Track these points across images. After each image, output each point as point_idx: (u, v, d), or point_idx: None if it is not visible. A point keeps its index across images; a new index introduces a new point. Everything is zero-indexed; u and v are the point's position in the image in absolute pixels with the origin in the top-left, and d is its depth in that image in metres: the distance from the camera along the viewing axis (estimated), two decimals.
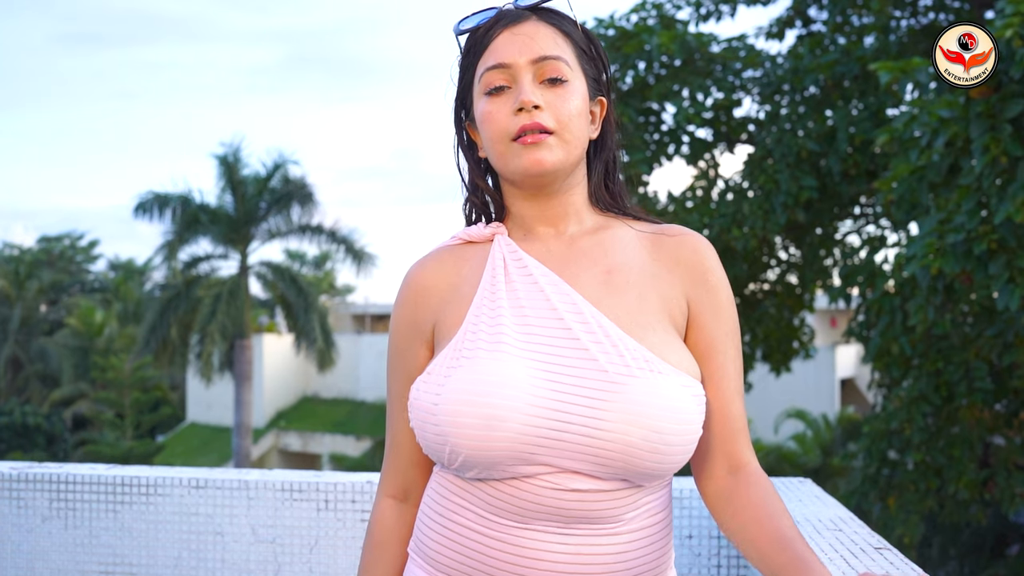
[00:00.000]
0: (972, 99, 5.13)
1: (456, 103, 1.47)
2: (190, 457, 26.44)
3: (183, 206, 21.70)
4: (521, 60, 1.34)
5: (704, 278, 1.39)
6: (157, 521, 2.31)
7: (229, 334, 21.50)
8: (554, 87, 1.34)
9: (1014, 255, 4.90)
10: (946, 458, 6.80)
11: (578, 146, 1.37)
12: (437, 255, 1.44)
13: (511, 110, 1.33)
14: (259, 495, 2.30)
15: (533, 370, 1.27)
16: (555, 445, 1.25)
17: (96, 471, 2.35)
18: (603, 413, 1.24)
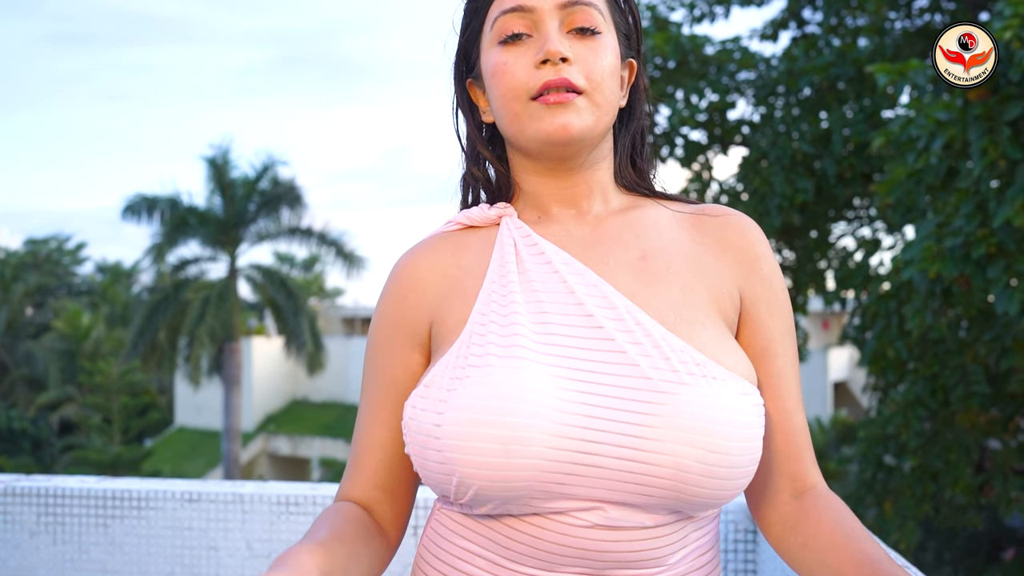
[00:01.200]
0: (970, 102, 5.10)
1: (457, 55, 1.24)
2: (178, 462, 26.32)
3: (171, 208, 21.64)
4: (547, 3, 1.12)
5: (757, 265, 1.18)
6: (149, 536, 2.24)
7: (218, 337, 21.43)
8: (584, 38, 1.13)
9: (1013, 259, 4.87)
10: (942, 463, 6.77)
11: (609, 111, 1.14)
12: (431, 243, 1.21)
13: (532, 62, 1.11)
14: (254, 508, 2.24)
15: (559, 379, 1.03)
16: (589, 473, 1.02)
17: (86, 484, 2.28)
18: (649, 431, 1.01)
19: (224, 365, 21.88)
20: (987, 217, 4.99)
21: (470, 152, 1.25)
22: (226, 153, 22.09)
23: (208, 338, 21.20)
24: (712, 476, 1.01)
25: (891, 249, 8.36)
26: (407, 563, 2.31)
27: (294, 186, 21.97)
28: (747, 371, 1.10)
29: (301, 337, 22.29)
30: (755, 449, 1.05)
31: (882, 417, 7.23)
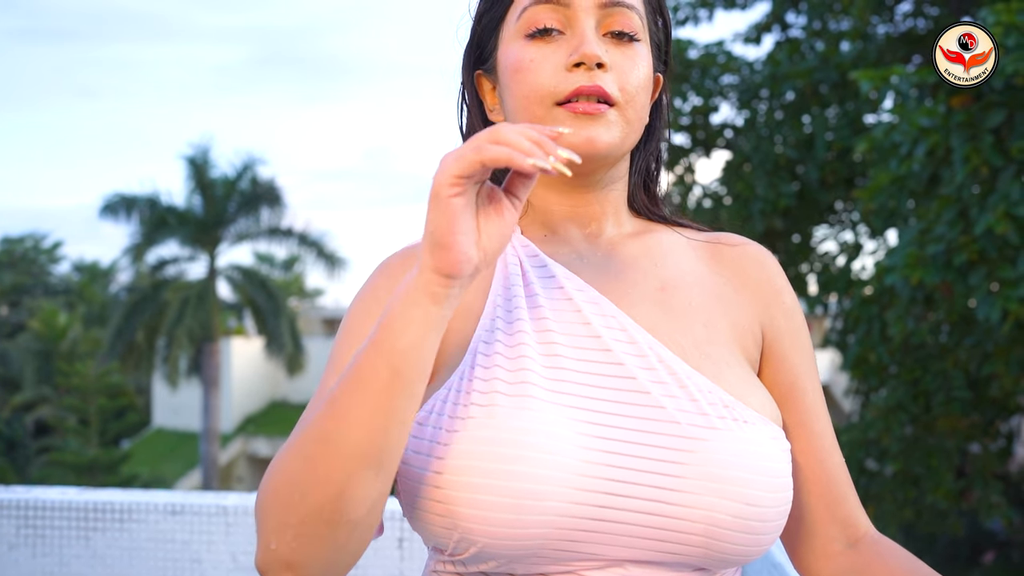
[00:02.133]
0: (953, 109, 5.13)
1: (470, 43, 1.12)
2: (156, 464, 26.16)
3: (150, 208, 21.54)
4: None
5: (779, 298, 1.10)
6: (131, 548, 2.21)
7: (197, 338, 21.34)
8: (622, 44, 1.02)
9: (994, 266, 4.89)
10: (924, 468, 6.80)
11: (637, 128, 1.04)
12: (413, 247, 1.07)
13: (563, 63, 1.00)
14: (238, 520, 2.21)
15: (576, 423, 0.91)
16: (610, 530, 0.91)
17: (67, 496, 2.24)
18: (679, 481, 0.91)
19: (203, 366, 21.78)
20: (969, 224, 5.02)
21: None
22: (206, 152, 22.01)
23: (187, 339, 21.11)
24: (746, 531, 0.92)
25: (873, 254, 8.40)
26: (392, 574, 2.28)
27: (274, 186, 21.92)
28: (774, 413, 1.01)
29: (281, 338, 22.23)
30: (788, 500, 0.96)
31: (864, 422, 7.26)
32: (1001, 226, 4.70)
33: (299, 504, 0.85)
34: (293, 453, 0.87)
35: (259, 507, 0.89)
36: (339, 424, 0.85)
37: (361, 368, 0.85)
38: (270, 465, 0.89)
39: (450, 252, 0.83)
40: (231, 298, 23.58)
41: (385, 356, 0.84)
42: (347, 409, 0.85)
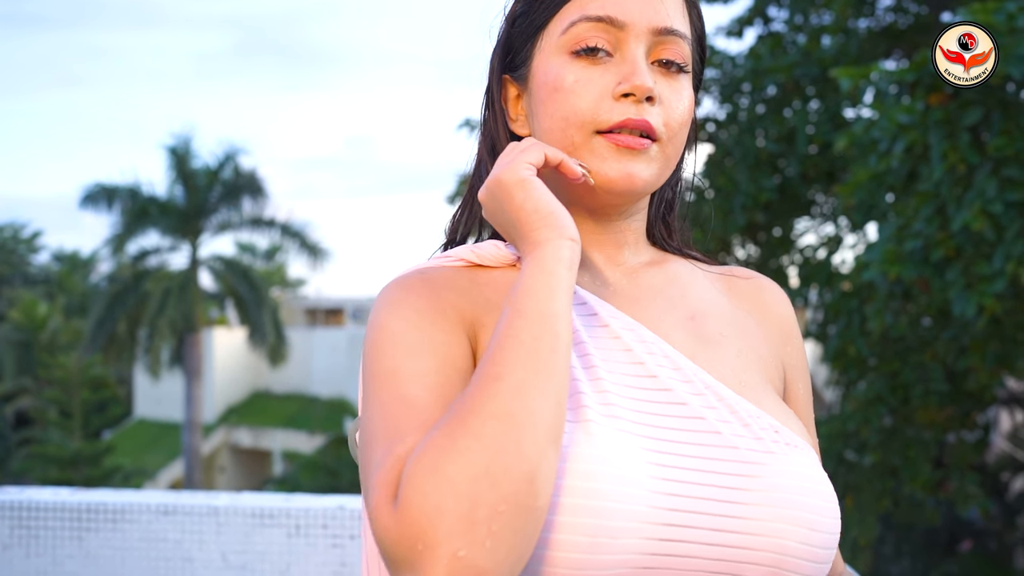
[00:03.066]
0: (931, 106, 5.19)
1: (501, 46, 1.05)
2: (138, 455, 26.12)
3: (132, 198, 21.48)
4: (640, 22, 0.96)
5: (793, 335, 1.11)
6: (124, 548, 2.25)
7: (179, 329, 21.32)
8: (670, 74, 0.98)
9: (971, 262, 4.96)
10: (902, 459, 6.89)
11: (674, 164, 1.02)
12: (436, 269, 0.99)
13: (609, 89, 0.95)
14: (229, 520, 2.25)
15: (643, 451, 0.88)
16: (681, 564, 0.87)
17: (60, 497, 2.28)
18: (745, 508, 0.89)
19: (185, 356, 21.75)
20: (946, 220, 5.08)
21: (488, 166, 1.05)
22: (187, 142, 21.96)
23: (169, 329, 21.09)
24: (811, 558, 0.90)
25: (853, 248, 8.48)
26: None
27: (256, 176, 21.90)
28: (810, 440, 1.00)
29: (263, 328, 22.23)
30: (839, 526, 0.94)
31: (843, 414, 7.35)
32: (977, 223, 4.77)
33: (489, 494, 0.75)
34: (468, 442, 0.77)
35: (424, 515, 0.75)
36: (522, 399, 0.79)
37: (522, 341, 0.81)
38: (415, 469, 0.77)
39: (563, 215, 0.88)
40: (213, 288, 23.54)
41: (544, 323, 0.82)
42: (523, 382, 0.80)
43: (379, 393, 0.87)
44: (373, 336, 0.93)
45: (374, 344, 0.92)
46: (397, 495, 0.77)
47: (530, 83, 1.01)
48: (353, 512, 2.31)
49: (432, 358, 0.88)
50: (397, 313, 0.93)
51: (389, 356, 0.89)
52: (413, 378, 0.87)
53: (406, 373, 0.87)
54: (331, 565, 2.29)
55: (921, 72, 5.27)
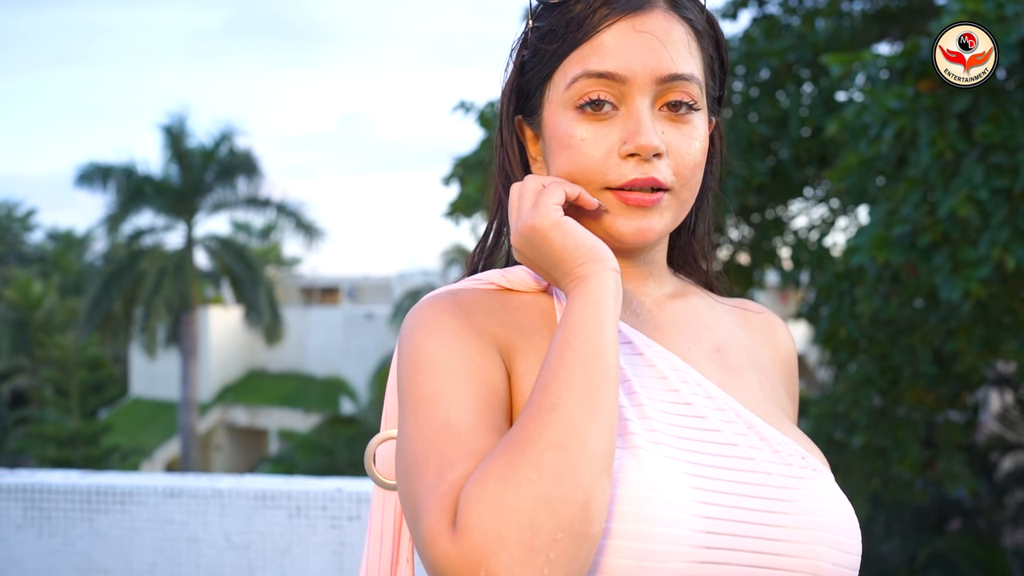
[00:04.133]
0: (921, 93, 5.25)
1: (510, 90, 1.06)
2: (134, 433, 26.20)
3: (127, 177, 21.47)
4: (642, 75, 0.96)
5: (795, 372, 1.17)
6: (132, 528, 2.33)
7: (174, 308, 21.37)
8: (678, 118, 0.99)
9: (957, 248, 5.04)
10: (890, 440, 6.99)
11: (691, 203, 1.03)
12: (467, 291, 1.01)
13: (615, 147, 0.97)
14: (232, 502, 2.33)
15: (686, 476, 0.91)
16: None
17: (70, 480, 2.37)
18: (782, 531, 0.93)
19: (181, 335, 21.82)
20: (934, 206, 5.15)
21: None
22: (182, 121, 21.94)
23: (164, 308, 21.14)
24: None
25: (845, 230, 8.55)
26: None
27: (251, 156, 21.90)
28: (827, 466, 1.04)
29: (259, 307, 22.29)
30: (861, 546, 0.99)
31: (832, 396, 7.44)
32: (963, 209, 4.84)
33: (548, 523, 0.78)
34: (528, 472, 0.79)
35: (487, 543, 0.77)
36: (576, 429, 0.82)
37: (574, 372, 0.84)
38: (475, 497, 0.79)
39: (603, 247, 0.92)
40: (208, 267, 23.58)
41: (596, 355, 0.85)
42: (577, 413, 0.82)
43: (421, 417, 0.89)
44: (411, 357, 0.94)
45: (413, 366, 0.93)
46: (456, 522, 0.78)
47: (543, 131, 1.03)
48: (351, 494, 2.39)
49: (472, 382, 0.91)
50: (435, 336, 0.94)
51: (430, 380, 0.91)
52: (456, 403, 0.89)
53: (448, 397, 0.89)
54: (330, 545, 2.38)
55: (911, 58, 5.33)
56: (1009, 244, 4.76)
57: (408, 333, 0.96)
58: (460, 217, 8.20)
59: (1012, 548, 10.97)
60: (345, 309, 32.49)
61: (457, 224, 8.51)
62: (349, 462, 18.00)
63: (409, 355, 0.94)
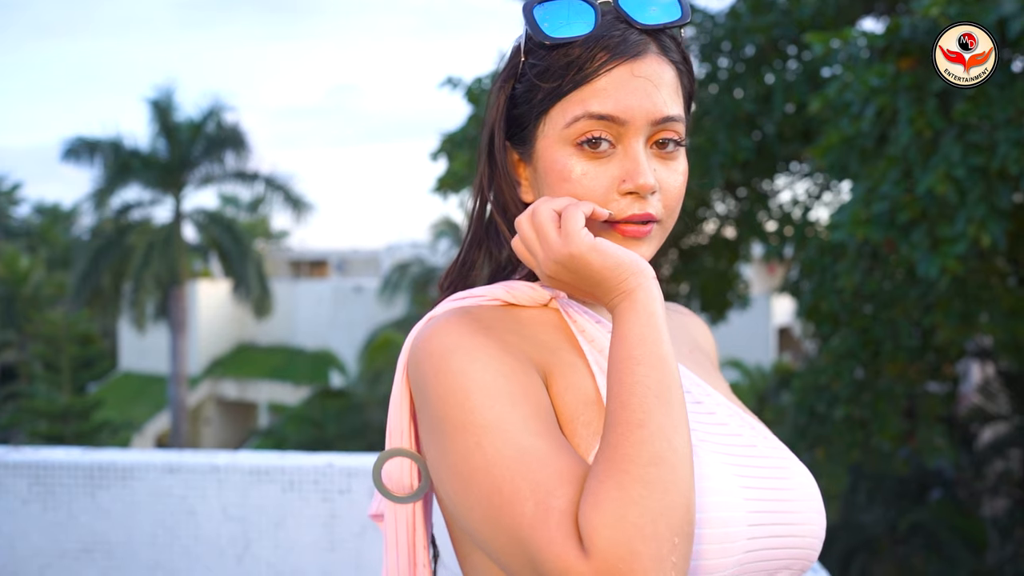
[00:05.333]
0: (901, 72, 5.33)
1: (503, 119, 1.10)
2: (124, 407, 26.25)
3: (114, 151, 21.40)
4: (640, 117, 1.02)
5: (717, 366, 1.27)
6: (133, 502, 2.42)
7: (163, 282, 21.36)
8: (666, 155, 1.06)
9: (934, 224, 5.13)
10: (871, 412, 7.12)
11: (671, 227, 1.10)
12: (484, 310, 1.05)
13: (613, 183, 1.03)
14: (228, 477, 2.43)
15: (727, 466, 1.00)
16: (764, 568, 1.01)
17: (73, 457, 2.45)
18: (792, 506, 1.04)
19: (170, 309, 21.83)
20: (912, 184, 5.24)
21: (509, 228, 1.11)
22: (170, 95, 21.84)
23: (153, 283, 21.13)
24: (822, 538, 1.08)
25: (828, 205, 8.65)
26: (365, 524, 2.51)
27: (239, 130, 21.83)
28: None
29: (248, 280, 22.31)
30: None
31: (815, 368, 7.56)
32: (941, 186, 4.92)
33: (667, 532, 0.86)
34: (639, 489, 0.86)
35: (623, 561, 0.84)
36: (667, 440, 0.88)
37: (650, 387, 0.90)
38: (600, 520, 0.85)
39: (638, 258, 0.97)
40: (197, 241, 23.56)
41: (663, 367, 0.92)
42: (663, 425, 0.89)
43: (488, 446, 0.92)
44: (455, 384, 0.95)
45: (461, 392, 0.95)
46: (586, 546, 0.84)
47: (535, 162, 1.07)
48: (341, 469, 2.49)
49: (528, 403, 0.95)
50: (476, 360, 0.96)
51: (487, 407, 0.93)
52: (521, 427, 0.92)
53: (512, 423, 0.92)
54: (321, 517, 2.48)
55: (892, 37, 5.40)
56: (985, 221, 4.86)
57: (440, 357, 0.97)
58: (448, 192, 8.25)
59: (991, 517, 11.17)
60: (334, 282, 32.53)
61: (445, 199, 8.56)
62: (338, 434, 18.12)
63: (451, 381, 0.95)
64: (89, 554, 2.43)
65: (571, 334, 1.06)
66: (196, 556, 2.45)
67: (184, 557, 2.45)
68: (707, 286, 9.71)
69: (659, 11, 1.05)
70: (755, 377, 18.61)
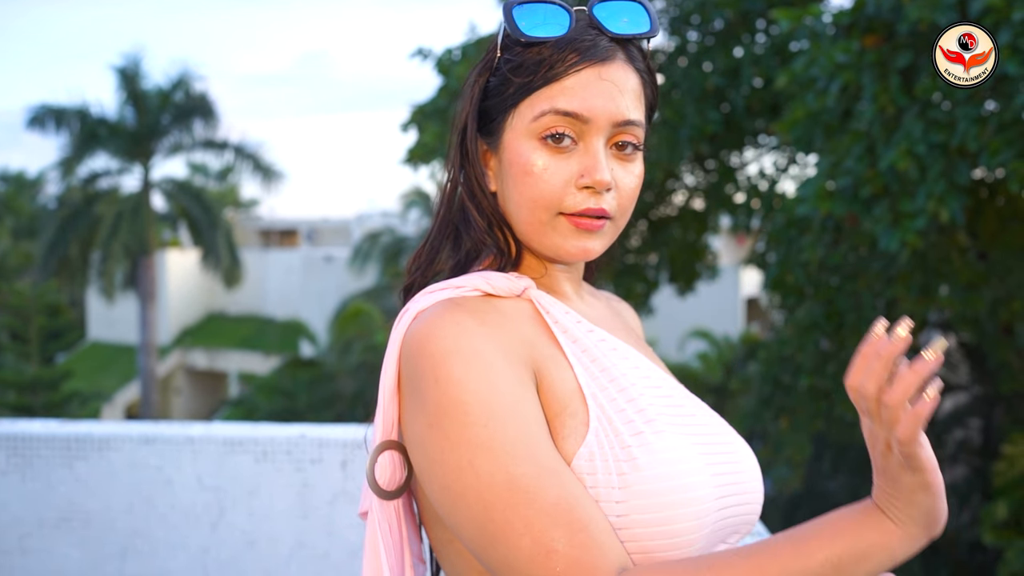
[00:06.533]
0: (866, 48, 5.41)
1: (475, 110, 1.15)
2: (93, 377, 26.13)
3: (80, 120, 21.16)
4: (602, 118, 1.08)
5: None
6: (110, 473, 2.48)
7: (132, 251, 21.21)
8: (624, 157, 1.12)
9: (896, 200, 5.23)
10: (835, 383, 7.26)
11: (623, 227, 1.16)
12: (473, 302, 1.08)
13: (572, 178, 1.09)
14: (203, 448, 2.49)
15: (694, 446, 1.06)
16: (722, 534, 1.08)
17: (50, 429, 2.50)
18: (744, 477, 1.11)
19: (139, 279, 21.70)
20: (875, 159, 5.33)
21: (483, 222, 1.15)
22: (137, 63, 21.59)
23: (122, 252, 20.97)
24: (761, 507, 1.15)
25: (794, 178, 8.75)
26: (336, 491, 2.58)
27: (207, 98, 21.63)
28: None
29: (217, 250, 22.20)
30: None
31: (780, 340, 7.69)
32: (903, 162, 5.02)
33: None
34: None
35: None
36: None
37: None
38: None
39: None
40: (166, 211, 23.40)
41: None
42: None
43: (478, 466, 0.96)
44: (451, 394, 0.99)
45: (459, 405, 0.98)
46: None
47: (501, 153, 1.13)
48: (313, 440, 2.56)
49: (519, 420, 0.98)
50: (473, 369, 0.99)
51: (481, 424, 0.97)
52: (510, 452, 0.96)
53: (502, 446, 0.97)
54: (294, 486, 2.55)
55: (858, 14, 5.48)
56: (944, 197, 4.97)
57: (440, 361, 1.00)
58: (418, 164, 8.27)
59: (950, 484, 11.42)
60: (304, 252, 32.43)
61: (416, 170, 8.58)
62: (309, 404, 18.16)
63: (450, 390, 0.99)
64: (68, 523, 2.49)
65: (546, 325, 1.10)
66: (172, 524, 2.52)
67: (161, 525, 2.51)
68: (676, 257, 9.79)
69: (629, 22, 1.11)
70: (723, 347, 18.79)
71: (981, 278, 6.60)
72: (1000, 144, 4.69)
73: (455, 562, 1.09)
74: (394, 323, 1.09)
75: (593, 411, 1.03)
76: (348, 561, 2.51)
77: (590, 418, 1.03)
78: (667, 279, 9.96)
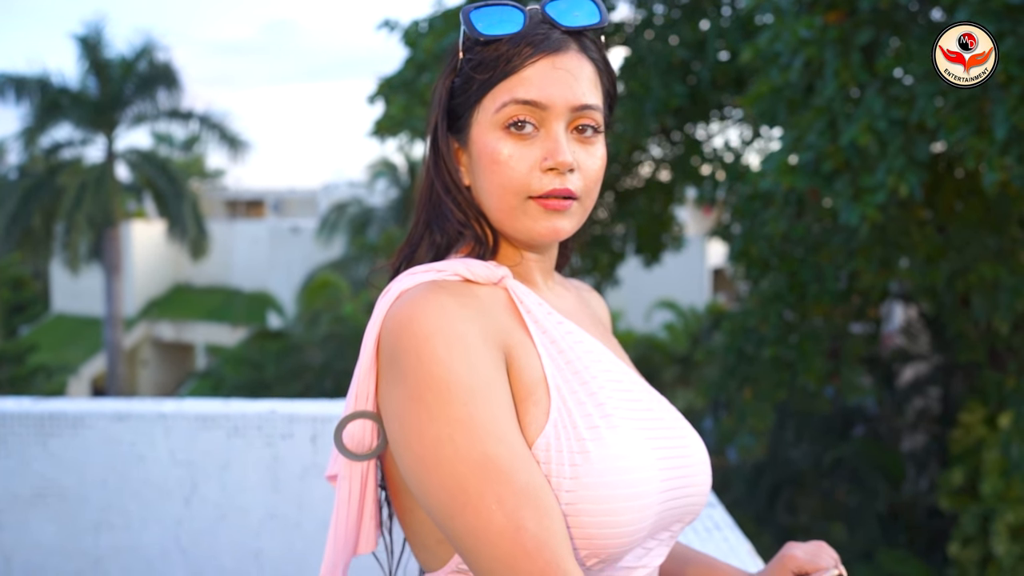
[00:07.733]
0: (828, 24, 5.48)
1: (444, 111, 1.22)
2: (59, 350, 25.91)
3: (41, 89, 20.85)
4: (560, 103, 1.15)
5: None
6: (84, 449, 2.52)
7: (96, 223, 20.99)
8: (585, 140, 1.18)
9: (857, 174, 5.33)
10: (797, 353, 7.39)
11: (590, 208, 1.21)
12: (455, 287, 1.13)
13: (536, 162, 1.15)
14: (175, 424, 2.53)
15: (647, 440, 1.12)
16: (665, 523, 1.16)
17: (23, 406, 2.53)
18: (693, 469, 1.18)
19: (104, 251, 21.50)
20: (837, 135, 5.42)
21: (460, 214, 1.21)
22: (99, 31, 21.28)
23: (86, 223, 20.75)
24: (707, 497, 1.22)
25: (759, 151, 8.83)
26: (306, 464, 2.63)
27: (172, 68, 21.37)
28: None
29: (183, 221, 22.03)
30: None
31: (744, 311, 7.80)
32: (863, 138, 5.11)
33: None
34: None
35: None
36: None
37: None
38: None
39: None
40: (130, 181, 23.17)
41: None
42: None
43: (457, 440, 1.01)
44: (434, 371, 1.04)
45: (441, 384, 1.03)
46: None
47: (471, 147, 1.19)
48: (283, 415, 2.61)
49: (495, 402, 1.04)
50: (455, 350, 1.05)
51: (461, 402, 1.03)
52: (487, 430, 1.02)
53: (480, 423, 1.02)
54: (265, 461, 2.60)
55: None
56: (904, 172, 5.06)
57: (423, 340, 1.05)
58: (385, 136, 8.27)
59: (909, 451, 11.66)
60: (270, 222, 32.25)
61: (383, 142, 8.58)
62: (277, 376, 18.13)
63: (433, 368, 1.04)
64: (43, 499, 2.53)
65: (519, 314, 1.16)
66: (146, 499, 2.56)
67: (134, 500, 2.56)
68: (643, 228, 9.85)
69: (581, 15, 1.19)
70: (689, 318, 18.96)
71: (939, 251, 6.73)
72: (957, 121, 4.78)
73: (417, 530, 1.15)
74: (376, 301, 1.15)
75: (555, 402, 1.08)
76: (319, 531, 2.58)
77: (551, 408, 1.08)
78: (634, 250, 10.03)
